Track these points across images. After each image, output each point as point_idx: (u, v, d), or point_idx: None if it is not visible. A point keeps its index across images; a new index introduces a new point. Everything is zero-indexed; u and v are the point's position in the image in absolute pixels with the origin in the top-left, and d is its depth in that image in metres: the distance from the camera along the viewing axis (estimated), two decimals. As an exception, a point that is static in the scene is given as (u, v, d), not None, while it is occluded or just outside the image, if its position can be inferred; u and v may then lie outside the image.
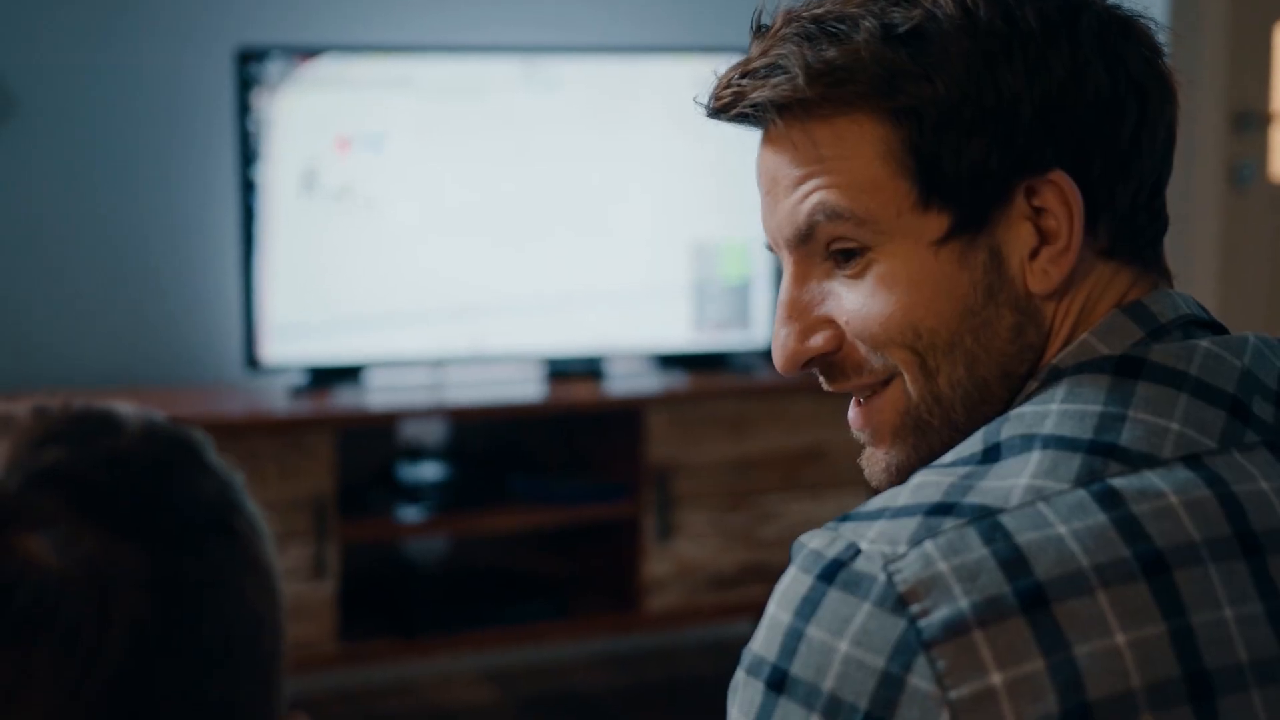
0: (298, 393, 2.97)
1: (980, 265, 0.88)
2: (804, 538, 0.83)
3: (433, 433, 3.17)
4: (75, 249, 3.05)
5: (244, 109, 2.91)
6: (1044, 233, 0.88)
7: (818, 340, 0.92)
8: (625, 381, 3.15)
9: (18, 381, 2.98)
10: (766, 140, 0.91)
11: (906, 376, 0.90)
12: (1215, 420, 0.84)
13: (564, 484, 3.10)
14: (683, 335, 3.21)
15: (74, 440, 0.64)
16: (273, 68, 2.92)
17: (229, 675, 0.64)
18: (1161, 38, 0.91)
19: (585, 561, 3.21)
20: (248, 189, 2.93)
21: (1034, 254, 0.88)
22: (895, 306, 0.89)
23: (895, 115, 0.86)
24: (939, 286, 0.88)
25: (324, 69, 2.96)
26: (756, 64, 0.89)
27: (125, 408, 0.68)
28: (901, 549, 0.79)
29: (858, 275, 0.89)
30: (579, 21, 3.31)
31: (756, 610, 3.35)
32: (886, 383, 0.91)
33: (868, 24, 0.86)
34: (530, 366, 3.15)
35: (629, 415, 3.06)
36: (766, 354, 3.26)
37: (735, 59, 0.92)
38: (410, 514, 2.98)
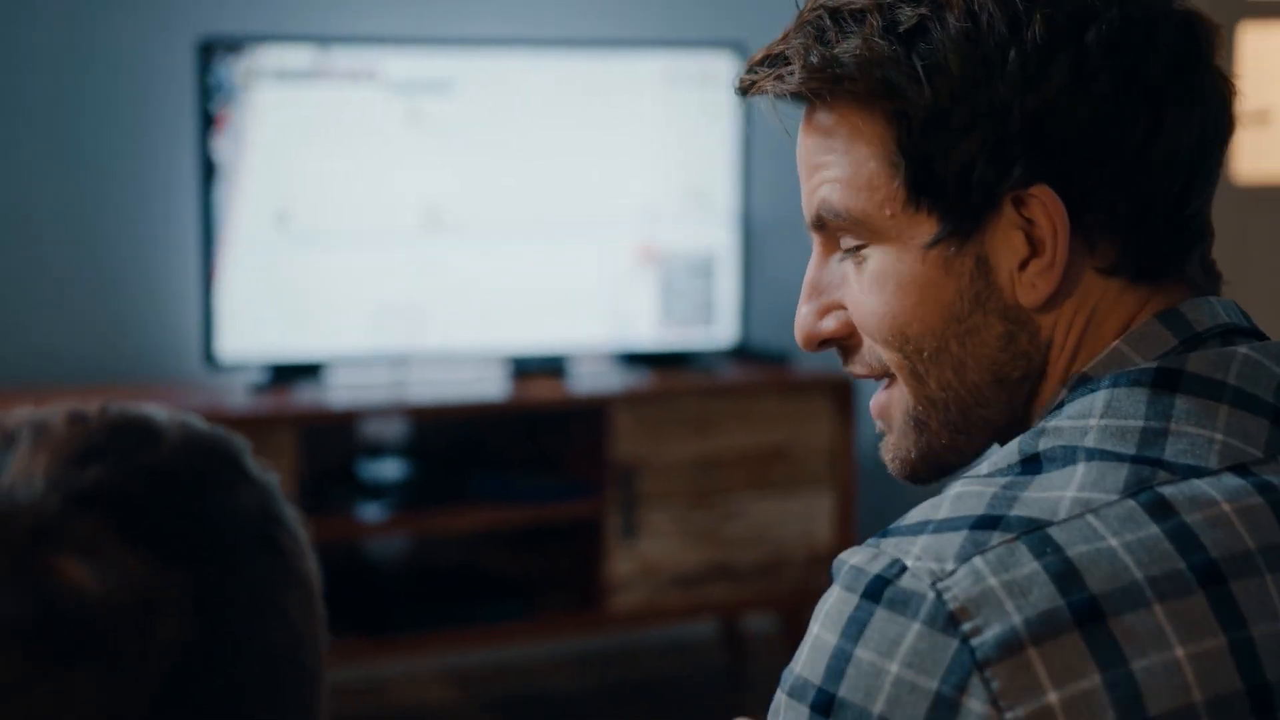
0: (258, 390, 2.94)
1: (967, 273, 0.86)
2: (844, 555, 0.81)
3: (395, 431, 3.15)
4: (31, 243, 3.01)
5: (205, 101, 2.88)
6: (1035, 244, 0.86)
7: (830, 324, 0.92)
8: (589, 380, 3.13)
9: (-27, 378, 2.94)
10: (801, 124, 0.93)
11: (899, 378, 0.91)
12: (1259, 430, 0.83)
13: (528, 483, 3.08)
14: (647, 333, 3.19)
15: (113, 456, 0.63)
16: (235, 59, 2.89)
17: (272, 694, 0.63)
18: (1212, 38, 0.87)
19: (549, 561, 3.19)
20: (208, 183, 2.89)
21: (1024, 265, 0.86)
22: (884, 308, 0.89)
23: (890, 114, 0.86)
24: (925, 292, 0.87)
25: (286, 60, 2.93)
26: (774, 50, 0.90)
27: (160, 413, 0.66)
28: (950, 565, 0.77)
29: (860, 266, 0.90)
30: (547, 16, 3.29)
31: (721, 609, 3.34)
32: (893, 377, 0.92)
33: (873, 19, 0.85)
34: (494, 364, 3.13)
35: (593, 414, 3.05)
36: (730, 352, 3.25)
37: (698, 56, 0.92)
38: (372, 513, 2.95)
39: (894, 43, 0.85)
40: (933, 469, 0.93)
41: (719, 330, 3.23)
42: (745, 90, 0.91)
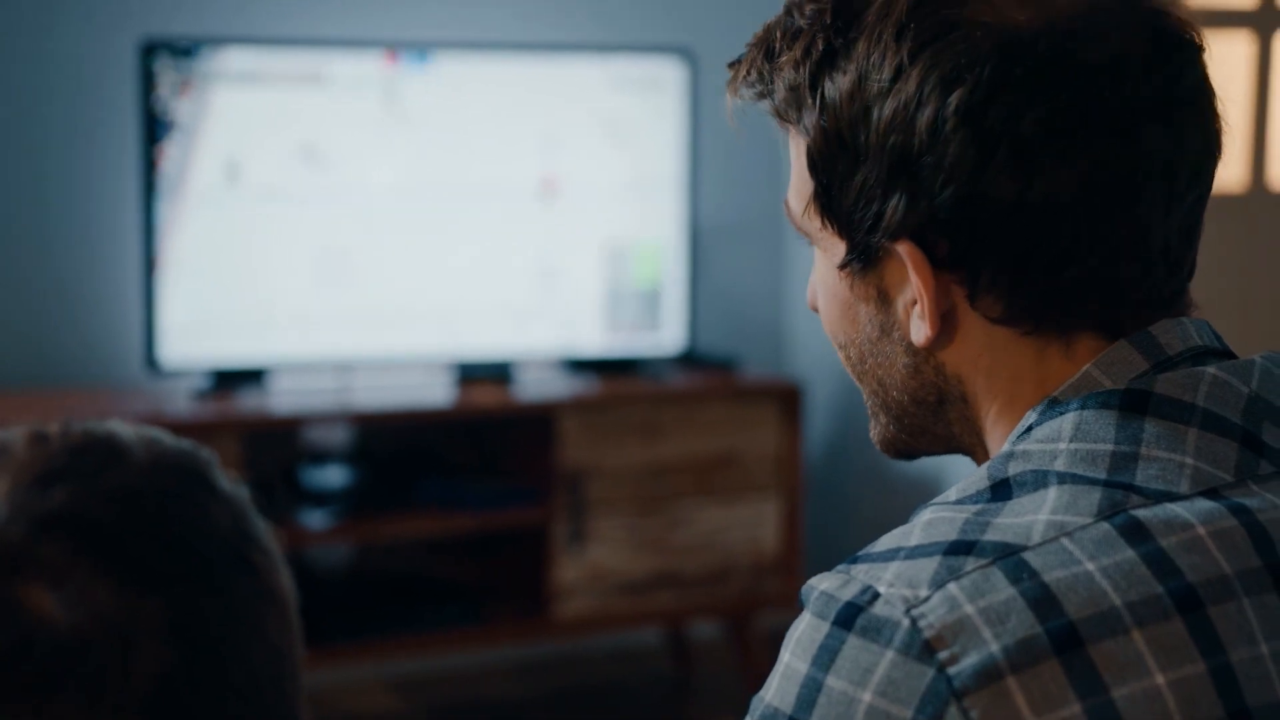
0: (200, 395, 2.91)
1: (872, 300, 0.87)
2: (814, 580, 0.80)
3: (339, 437, 3.12)
4: (-30, 247, 2.97)
5: (148, 102, 2.85)
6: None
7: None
8: (536, 386, 3.12)
9: (-91, 383, 2.90)
10: None
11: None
12: (1228, 452, 0.81)
13: (474, 489, 3.06)
14: (594, 339, 3.18)
15: (78, 477, 0.60)
16: (178, 60, 2.86)
17: (255, 717, 0.61)
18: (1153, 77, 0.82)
19: (495, 568, 3.18)
20: (150, 185, 2.86)
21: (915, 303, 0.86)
22: (822, 311, 0.91)
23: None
24: (845, 308, 0.89)
25: (230, 62, 2.90)
26: (746, 47, 0.90)
27: (125, 429, 0.64)
28: (924, 592, 0.76)
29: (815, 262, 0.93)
30: (493, 20, 3.28)
31: (667, 616, 3.32)
32: None
33: (802, 41, 0.86)
34: (440, 370, 3.11)
35: (540, 420, 3.03)
36: (678, 359, 3.25)
37: (645, 61, 0.92)
38: (316, 520, 2.93)
39: (805, 70, 0.85)
40: (901, 452, 0.94)
41: (666, 336, 3.23)
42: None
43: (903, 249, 0.83)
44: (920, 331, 0.85)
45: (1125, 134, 0.81)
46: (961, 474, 0.85)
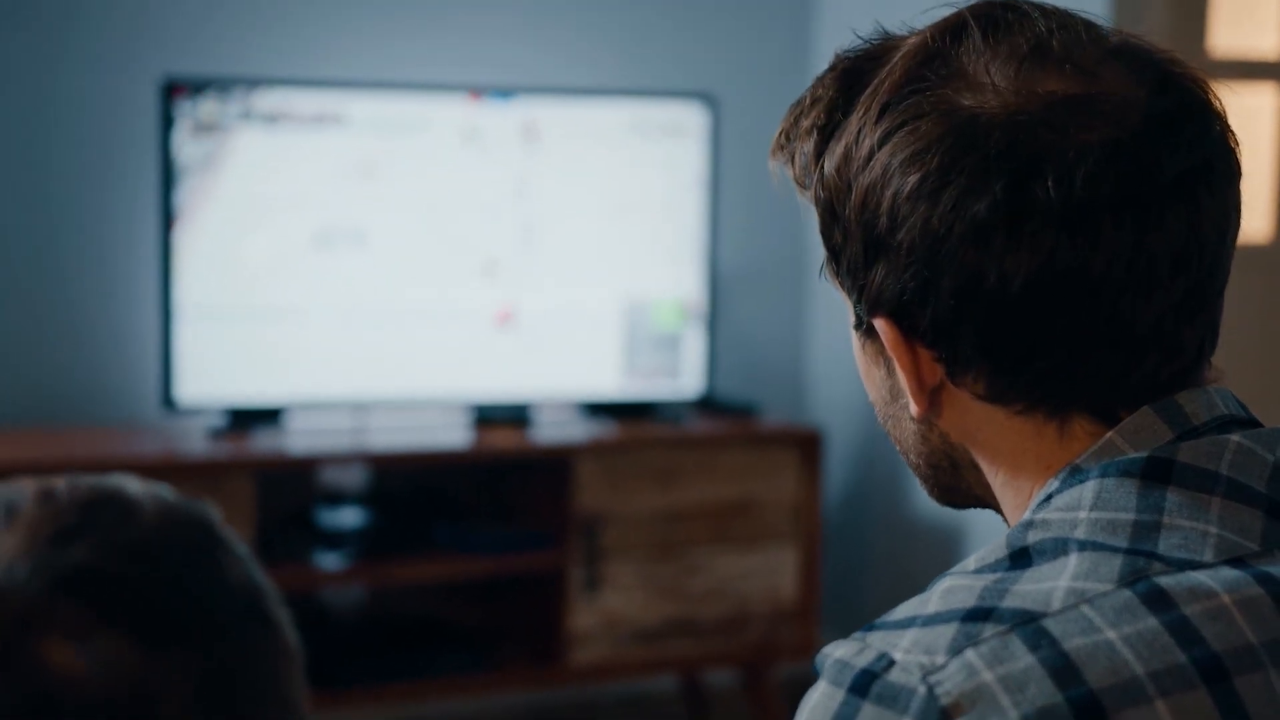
0: (215, 434, 2.90)
1: (882, 366, 0.88)
2: (828, 648, 0.78)
3: (354, 478, 3.10)
4: (-11, 283, 2.97)
5: (167, 142, 2.86)
6: None
7: None
8: (553, 429, 3.10)
9: (-75, 419, 2.89)
10: None
11: None
12: (1253, 521, 0.80)
13: (489, 533, 3.04)
14: (612, 383, 3.17)
15: (94, 533, 0.60)
16: (200, 100, 2.87)
17: None
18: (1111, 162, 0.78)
19: (510, 613, 3.15)
20: (168, 223, 2.86)
21: None
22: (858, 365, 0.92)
23: None
24: (864, 368, 0.90)
25: (250, 102, 2.91)
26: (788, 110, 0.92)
27: (133, 484, 0.64)
28: (940, 659, 0.74)
29: None
30: (515, 63, 3.28)
31: (682, 665, 3.28)
32: None
33: (819, 110, 0.87)
34: (457, 412, 3.10)
35: (557, 464, 3.01)
36: (697, 404, 3.23)
37: (668, 105, 0.92)
38: (330, 561, 2.91)
39: (813, 141, 0.87)
40: (947, 504, 0.94)
41: (684, 381, 3.21)
42: None
43: (879, 324, 0.84)
44: (916, 403, 0.85)
45: (1078, 226, 0.78)
46: (987, 522, 0.84)
